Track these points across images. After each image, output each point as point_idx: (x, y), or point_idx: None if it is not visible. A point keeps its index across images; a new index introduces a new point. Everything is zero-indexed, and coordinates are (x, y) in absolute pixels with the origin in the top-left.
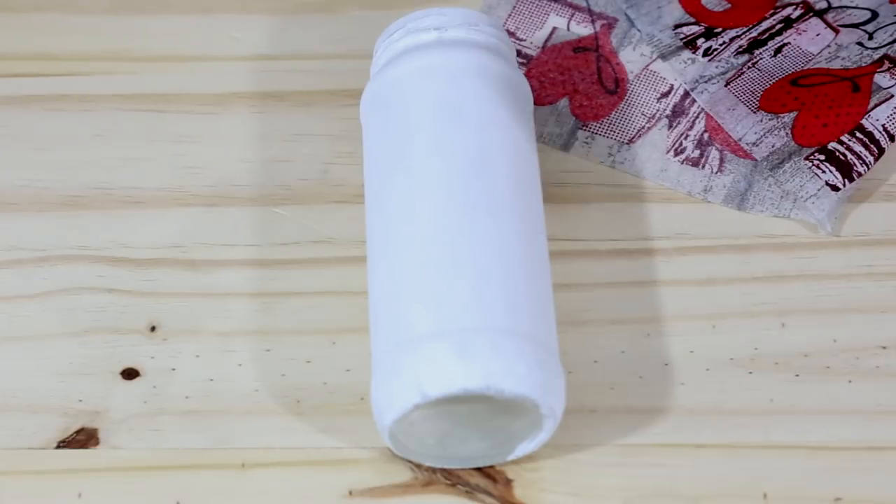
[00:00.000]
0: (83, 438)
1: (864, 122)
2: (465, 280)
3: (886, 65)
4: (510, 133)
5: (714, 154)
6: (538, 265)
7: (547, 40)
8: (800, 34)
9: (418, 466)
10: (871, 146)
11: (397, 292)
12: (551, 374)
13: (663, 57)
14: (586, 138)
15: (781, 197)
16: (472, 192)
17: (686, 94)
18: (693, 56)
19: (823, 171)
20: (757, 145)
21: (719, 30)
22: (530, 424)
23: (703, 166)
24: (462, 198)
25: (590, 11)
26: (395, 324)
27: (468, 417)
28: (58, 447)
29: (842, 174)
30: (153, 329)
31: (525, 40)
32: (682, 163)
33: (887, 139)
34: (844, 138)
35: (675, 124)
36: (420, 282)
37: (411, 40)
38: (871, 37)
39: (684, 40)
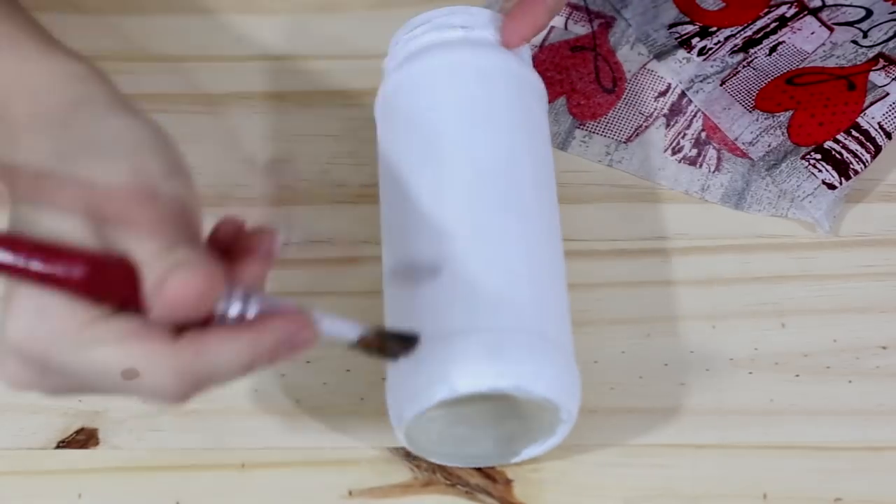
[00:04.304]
0: (83, 438)
1: (859, 120)
2: (496, 279)
3: (881, 63)
4: (533, 135)
5: (712, 153)
6: (559, 268)
7: (544, 39)
8: (794, 33)
9: (418, 467)
10: (868, 144)
11: (425, 287)
12: (573, 379)
13: (658, 57)
14: (584, 137)
15: (779, 196)
16: (500, 192)
17: (683, 93)
18: (688, 55)
19: (820, 171)
20: (753, 144)
21: (714, 29)
22: (541, 428)
23: (701, 165)
24: (491, 198)
25: (587, 10)
26: (422, 318)
27: (481, 417)
28: (58, 447)
29: (838, 173)
30: None
31: None
32: (680, 162)
33: (884, 137)
34: (840, 137)
35: (672, 123)
36: (450, 278)
37: (437, 36)
38: (865, 35)
39: (679, 40)
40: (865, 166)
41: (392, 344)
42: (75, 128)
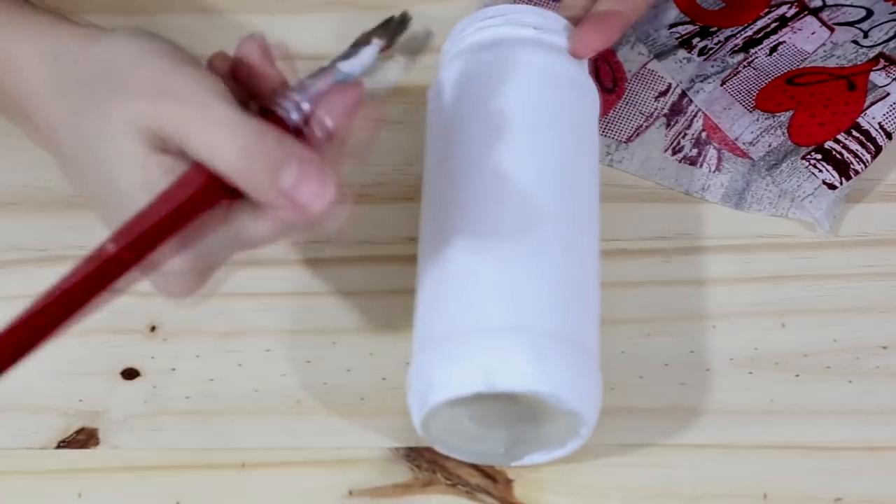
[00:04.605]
0: (83, 438)
1: (860, 120)
2: (544, 284)
3: (882, 63)
4: (591, 146)
5: (712, 153)
6: (596, 279)
7: None
8: (795, 33)
9: (418, 467)
10: (868, 144)
11: (471, 280)
12: (599, 395)
13: (658, 57)
14: None
15: (779, 196)
16: (559, 199)
17: (684, 92)
18: (688, 55)
19: (820, 171)
20: (754, 144)
21: (714, 29)
22: (552, 438)
23: (701, 165)
24: (550, 203)
25: None
26: (464, 310)
27: (495, 415)
28: (58, 447)
29: (839, 173)
30: (153, 329)
31: None
32: (680, 161)
33: (884, 137)
34: (841, 137)
35: (672, 123)
36: (499, 275)
37: (510, 31)
38: (866, 35)
39: (679, 39)
40: (866, 166)
41: (399, 30)
42: (74, 84)
